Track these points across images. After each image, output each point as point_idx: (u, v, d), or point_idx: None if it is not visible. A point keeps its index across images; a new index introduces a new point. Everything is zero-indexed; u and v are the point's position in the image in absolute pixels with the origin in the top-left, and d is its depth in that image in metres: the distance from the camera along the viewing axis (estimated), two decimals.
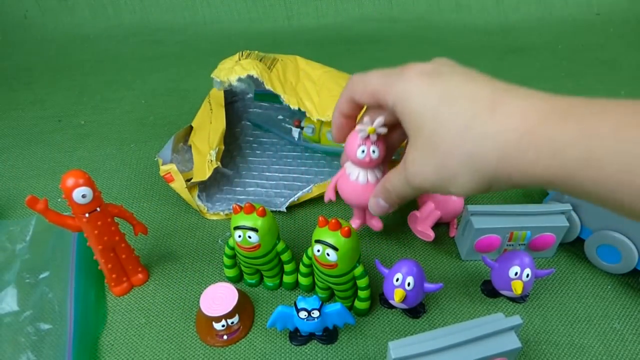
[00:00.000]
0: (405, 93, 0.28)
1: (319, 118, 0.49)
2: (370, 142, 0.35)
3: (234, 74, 0.50)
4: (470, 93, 0.26)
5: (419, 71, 0.28)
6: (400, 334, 0.39)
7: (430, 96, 0.27)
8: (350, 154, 0.36)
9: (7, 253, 0.45)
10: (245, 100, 0.65)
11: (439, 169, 0.27)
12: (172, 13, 0.96)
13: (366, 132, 0.34)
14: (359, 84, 0.32)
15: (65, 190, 0.34)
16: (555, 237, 0.43)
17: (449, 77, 0.27)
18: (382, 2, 0.96)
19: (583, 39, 0.90)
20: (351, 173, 0.38)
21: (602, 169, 0.21)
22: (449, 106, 0.26)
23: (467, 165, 0.26)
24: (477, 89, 0.26)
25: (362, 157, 0.36)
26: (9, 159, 0.61)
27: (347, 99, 0.34)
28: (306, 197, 0.50)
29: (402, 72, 0.29)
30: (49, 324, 0.39)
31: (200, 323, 0.40)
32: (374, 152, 0.36)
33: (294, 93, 0.51)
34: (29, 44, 0.92)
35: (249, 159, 0.58)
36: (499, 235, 0.42)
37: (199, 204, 0.50)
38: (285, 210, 0.50)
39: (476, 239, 0.42)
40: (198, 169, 0.49)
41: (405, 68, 0.29)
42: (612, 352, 0.38)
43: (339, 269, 0.36)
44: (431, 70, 0.28)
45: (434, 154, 0.27)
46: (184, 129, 0.55)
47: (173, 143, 0.52)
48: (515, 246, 0.44)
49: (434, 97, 0.27)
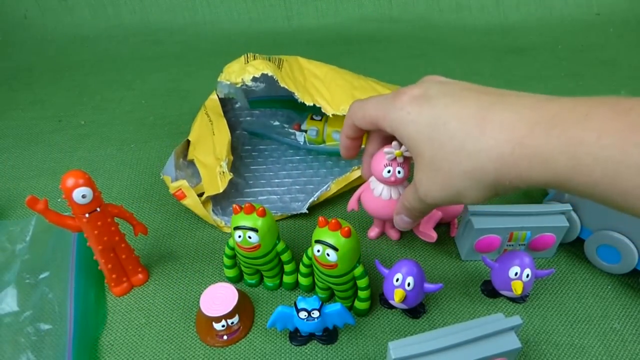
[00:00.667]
0: (399, 122, 0.31)
1: (334, 112, 0.49)
2: (396, 164, 0.38)
3: (247, 74, 0.49)
4: (458, 114, 0.28)
5: (408, 98, 0.30)
6: (400, 334, 0.39)
7: (421, 122, 0.29)
8: (376, 173, 0.39)
9: (7, 253, 0.45)
10: (235, 110, 0.64)
11: (445, 187, 0.29)
12: (172, 13, 0.96)
13: (393, 154, 0.37)
14: (358, 112, 0.35)
15: (65, 191, 0.34)
16: (555, 237, 0.43)
17: (436, 101, 0.29)
18: (382, 2, 0.96)
19: (583, 39, 0.90)
20: (375, 188, 0.41)
21: (590, 175, 0.23)
22: (441, 131, 0.28)
23: (469, 180, 0.28)
24: (464, 109, 0.28)
25: (387, 177, 0.38)
26: (9, 159, 0.61)
27: (349, 124, 0.36)
28: (325, 195, 0.50)
29: (394, 100, 0.31)
30: (49, 324, 0.39)
31: (200, 323, 0.40)
32: (400, 173, 0.38)
33: (305, 90, 0.50)
34: (29, 44, 0.92)
35: (252, 168, 0.57)
36: (499, 235, 0.42)
37: (215, 218, 0.48)
38: (307, 212, 0.50)
39: (476, 239, 0.42)
40: (208, 183, 0.47)
41: (397, 95, 0.31)
42: (612, 352, 0.38)
43: (339, 269, 0.36)
44: (420, 95, 0.30)
45: (437, 174, 0.29)
46: (181, 144, 0.53)
47: (174, 159, 0.51)
48: (515, 246, 0.44)
49: (426, 123, 0.29)
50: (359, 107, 0.34)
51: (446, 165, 0.28)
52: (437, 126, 0.28)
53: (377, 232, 0.48)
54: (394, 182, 0.39)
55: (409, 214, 0.36)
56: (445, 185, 0.29)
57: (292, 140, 0.59)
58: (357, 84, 0.53)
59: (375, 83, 0.54)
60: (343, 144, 0.39)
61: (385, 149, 0.37)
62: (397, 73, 0.79)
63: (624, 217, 0.40)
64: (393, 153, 0.37)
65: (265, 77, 0.49)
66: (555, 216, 0.43)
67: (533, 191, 0.53)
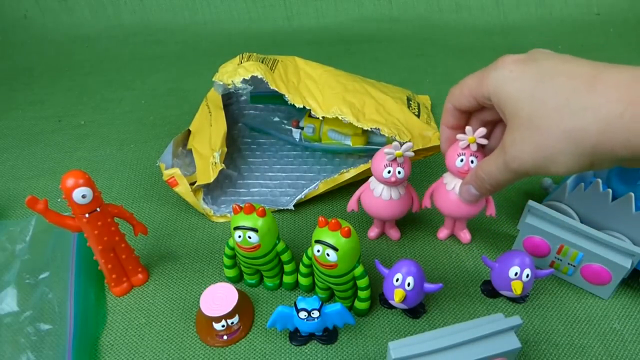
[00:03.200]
0: (499, 80, 0.29)
1: (324, 115, 0.49)
2: (396, 164, 0.38)
3: (238, 76, 0.50)
4: (568, 71, 0.26)
5: (512, 60, 0.29)
6: (400, 334, 0.39)
7: (525, 79, 0.27)
8: (376, 174, 0.39)
9: (7, 253, 0.45)
10: (240, 103, 0.65)
11: (539, 147, 0.27)
12: (172, 13, 0.96)
13: (393, 155, 0.37)
14: (455, 90, 0.34)
15: (65, 191, 0.34)
16: (612, 275, 0.39)
17: (544, 61, 0.27)
18: (382, 2, 0.96)
19: (583, 39, 0.90)
20: (375, 188, 0.41)
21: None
22: (547, 85, 0.26)
23: (566, 141, 0.26)
24: (575, 67, 0.26)
25: (387, 177, 0.38)
26: (9, 159, 0.61)
27: (448, 109, 0.35)
28: (313, 193, 0.50)
29: (495, 64, 0.30)
30: (49, 324, 0.39)
31: (200, 323, 0.40)
32: (400, 173, 0.38)
33: (297, 92, 0.51)
34: (29, 44, 0.92)
35: (249, 160, 0.58)
36: (549, 241, 0.41)
37: (204, 207, 0.50)
38: (293, 208, 0.50)
39: (524, 236, 0.42)
40: (201, 172, 0.49)
41: (498, 61, 0.30)
42: (612, 353, 0.38)
43: (339, 269, 0.36)
44: (525, 57, 0.29)
45: (534, 133, 0.27)
46: (182, 133, 0.55)
47: (173, 148, 0.52)
48: (564, 264, 0.41)
49: (530, 79, 0.27)
50: (456, 86, 0.34)
51: (545, 123, 0.26)
52: (542, 82, 0.26)
53: (377, 232, 0.48)
54: (394, 182, 0.39)
55: (480, 186, 0.34)
56: (538, 146, 0.27)
57: (289, 137, 0.60)
58: (351, 87, 0.53)
59: (371, 87, 0.54)
60: (443, 136, 0.37)
61: (385, 149, 0.37)
62: (397, 73, 0.79)
63: (625, 217, 0.40)
64: (393, 153, 0.37)
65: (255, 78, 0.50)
66: (617, 252, 0.38)
67: (533, 191, 0.53)
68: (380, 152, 0.38)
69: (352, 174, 0.49)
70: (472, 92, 0.32)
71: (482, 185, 0.34)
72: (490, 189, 0.34)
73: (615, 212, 0.40)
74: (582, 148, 0.25)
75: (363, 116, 0.50)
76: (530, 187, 0.53)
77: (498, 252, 0.46)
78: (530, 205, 0.41)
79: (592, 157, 0.26)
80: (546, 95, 0.26)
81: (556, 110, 0.26)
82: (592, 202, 0.41)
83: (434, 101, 0.69)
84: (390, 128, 0.49)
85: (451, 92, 0.35)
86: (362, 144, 0.55)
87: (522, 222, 0.43)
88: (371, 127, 0.48)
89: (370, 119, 0.49)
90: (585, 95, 0.25)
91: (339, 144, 0.56)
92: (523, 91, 0.27)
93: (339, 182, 0.50)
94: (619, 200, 0.39)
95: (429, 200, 0.43)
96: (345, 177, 0.49)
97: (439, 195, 0.42)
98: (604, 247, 0.39)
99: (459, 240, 0.47)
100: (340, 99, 0.51)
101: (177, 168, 0.48)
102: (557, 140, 0.26)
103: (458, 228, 0.47)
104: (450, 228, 0.47)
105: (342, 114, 0.49)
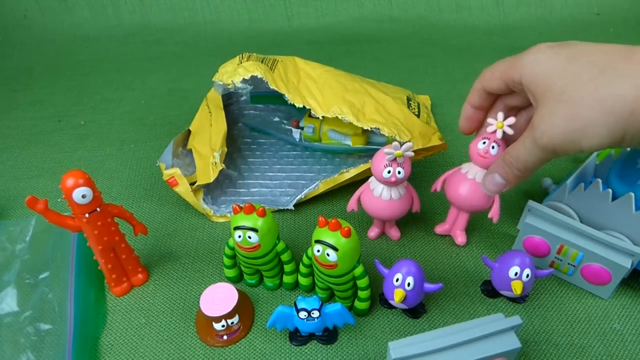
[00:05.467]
0: (532, 62, 0.29)
1: (324, 114, 0.49)
2: (396, 164, 0.38)
3: (238, 75, 0.50)
4: (602, 49, 0.26)
5: (545, 45, 0.29)
6: (400, 334, 0.39)
7: (558, 59, 0.27)
8: (376, 174, 0.39)
9: (7, 253, 0.45)
10: (240, 103, 0.65)
11: (570, 119, 0.26)
12: (172, 13, 0.96)
13: (393, 155, 0.37)
14: (487, 72, 0.34)
15: (65, 191, 0.34)
16: (612, 275, 0.39)
17: (576, 45, 0.28)
18: (382, 2, 0.96)
19: (583, 39, 0.89)
20: (375, 189, 0.41)
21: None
22: (581, 61, 0.26)
23: (601, 110, 0.25)
24: (609, 47, 0.26)
25: (387, 177, 0.38)
26: (9, 159, 0.61)
27: (476, 89, 0.35)
28: (313, 193, 0.50)
29: (528, 50, 0.30)
30: (49, 324, 0.39)
31: (200, 323, 0.40)
32: (400, 173, 0.38)
33: (297, 92, 0.51)
34: (29, 44, 0.92)
35: (249, 160, 0.58)
36: (549, 241, 0.41)
37: (204, 207, 0.50)
38: (293, 208, 0.50)
39: (524, 236, 0.42)
40: (201, 172, 0.49)
41: (531, 47, 0.30)
42: (612, 353, 0.38)
43: (339, 269, 0.36)
44: (559, 43, 0.29)
45: (565, 105, 0.26)
46: (182, 133, 0.55)
47: (173, 148, 0.52)
48: (564, 264, 0.41)
49: (563, 58, 0.27)
50: (488, 68, 0.34)
51: (577, 94, 0.25)
52: (576, 59, 0.26)
53: (377, 232, 0.48)
54: (394, 182, 0.39)
55: (507, 172, 0.32)
56: (570, 118, 0.26)
57: (289, 137, 0.60)
58: (351, 87, 0.53)
59: (371, 86, 0.54)
60: (465, 115, 0.37)
61: (385, 149, 0.37)
62: (397, 73, 0.79)
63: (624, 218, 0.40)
64: (393, 153, 0.37)
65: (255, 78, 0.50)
66: (617, 252, 0.38)
67: (533, 191, 0.53)
68: (380, 152, 0.38)
69: (352, 174, 0.49)
70: (503, 75, 0.32)
71: (509, 171, 0.32)
72: (519, 174, 0.32)
73: (615, 212, 0.40)
74: (617, 116, 0.24)
75: (363, 116, 0.50)
76: (530, 187, 0.53)
77: (498, 252, 0.46)
78: (530, 205, 0.41)
79: (626, 128, 0.25)
80: (581, 69, 0.26)
81: (591, 80, 0.25)
82: (592, 202, 0.41)
83: (434, 101, 0.69)
84: (390, 128, 0.49)
85: (482, 74, 0.34)
86: (362, 143, 0.55)
87: (522, 222, 0.43)
88: (371, 126, 0.48)
89: (370, 119, 0.49)
90: (622, 65, 0.25)
91: (339, 143, 0.56)
92: (556, 68, 0.27)
93: (339, 182, 0.50)
94: (619, 200, 0.39)
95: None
96: (345, 177, 0.49)
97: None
98: (604, 247, 0.39)
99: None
100: (340, 99, 0.51)
101: (177, 168, 0.48)
102: (591, 110, 0.25)
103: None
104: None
105: (342, 114, 0.49)
